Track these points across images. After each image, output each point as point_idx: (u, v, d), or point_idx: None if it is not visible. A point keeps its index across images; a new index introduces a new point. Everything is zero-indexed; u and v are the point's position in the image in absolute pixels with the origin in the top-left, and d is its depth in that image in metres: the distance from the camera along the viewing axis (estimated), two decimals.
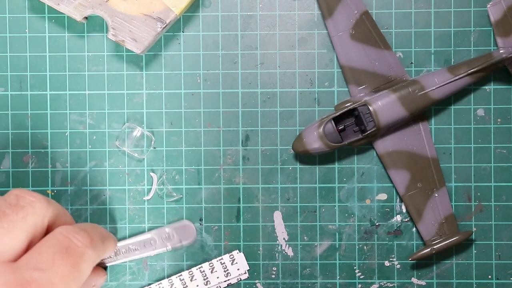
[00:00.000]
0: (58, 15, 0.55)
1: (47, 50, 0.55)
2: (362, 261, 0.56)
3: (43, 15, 0.55)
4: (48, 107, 0.55)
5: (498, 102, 0.55)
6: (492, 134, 0.55)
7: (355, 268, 0.56)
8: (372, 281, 0.55)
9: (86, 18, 0.53)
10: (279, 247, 0.56)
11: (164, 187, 0.55)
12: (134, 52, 0.52)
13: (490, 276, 0.55)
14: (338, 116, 0.53)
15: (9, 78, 0.55)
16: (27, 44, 0.55)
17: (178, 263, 0.56)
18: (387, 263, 0.56)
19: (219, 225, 0.56)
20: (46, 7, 0.55)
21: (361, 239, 0.55)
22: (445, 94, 0.53)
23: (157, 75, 0.55)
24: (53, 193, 0.55)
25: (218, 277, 0.54)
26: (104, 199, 0.55)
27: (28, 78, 0.55)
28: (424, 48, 0.55)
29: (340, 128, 0.53)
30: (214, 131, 0.55)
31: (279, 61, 0.55)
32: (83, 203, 0.55)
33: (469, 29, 0.55)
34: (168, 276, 0.55)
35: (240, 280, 0.55)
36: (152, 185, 0.55)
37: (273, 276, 0.56)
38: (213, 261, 0.55)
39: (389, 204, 0.55)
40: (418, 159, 0.54)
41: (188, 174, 0.55)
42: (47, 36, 0.55)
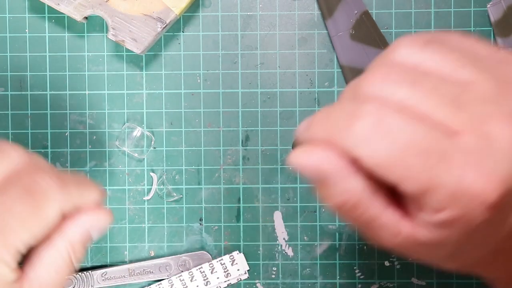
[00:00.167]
0: (58, 15, 0.55)
1: (47, 50, 0.55)
2: (362, 261, 0.55)
3: (43, 15, 0.55)
4: (48, 107, 0.55)
5: None
6: None
7: (355, 268, 0.56)
8: (372, 281, 0.55)
9: (86, 18, 0.53)
10: (279, 247, 0.56)
11: (164, 187, 0.55)
12: (134, 52, 0.52)
13: None
14: None
15: (9, 78, 0.55)
16: (27, 44, 0.55)
17: None
18: (387, 263, 0.56)
19: (219, 225, 0.56)
20: (46, 7, 0.55)
21: (361, 239, 0.55)
22: None
23: (157, 75, 0.55)
24: None
25: (218, 278, 0.54)
26: (104, 199, 0.55)
27: (28, 78, 0.55)
28: None
29: None
30: (214, 131, 0.55)
31: (279, 61, 0.55)
32: None
33: (469, 29, 0.55)
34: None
35: (240, 280, 0.55)
36: (152, 185, 0.55)
37: (273, 276, 0.56)
38: (213, 261, 0.55)
39: None
40: None
41: (188, 174, 0.55)
42: (47, 36, 0.55)
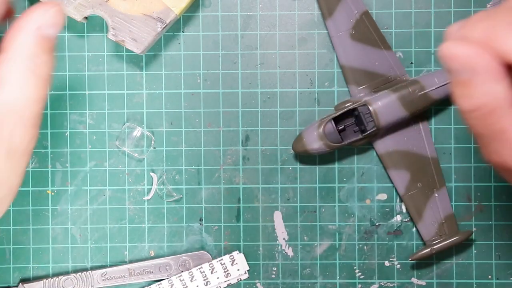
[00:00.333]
0: None
1: None
2: (362, 261, 0.55)
3: None
4: (48, 107, 0.55)
5: None
6: None
7: (355, 268, 0.56)
8: (372, 281, 0.55)
9: (86, 18, 0.53)
10: (279, 247, 0.56)
11: (164, 187, 0.55)
12: (134, 52, 0.52)
13: (490, 276, 0.55)
14: (338, 116, 0.53)
15: None
16: None
17: None
18: (387, 263, 0.56)
19: (219, 225, 0.56)
20: None
21: (361, 239, 0.55)
22: (445, 94, 0.53)
23: (157, 75, 0.55)
24: (53, 193, 0.55)
25: (218, 278, 0.54)
26: (104, 199, 0.55)
27: None
28: (424, 48, 0.55)
29: (340, 128, 0.53)
30: (214, 131, 0.55)
31: (279, 61, 0.55)
32: (83, 203, 0.55)
33: None
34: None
35: (240, 280, 0.55)
36: (152, 185, 0.55)
37: (273, 276, 0.56)
38: (213, 261, 0.55)
39: (389, 204, 0.55)
40: (418, 159, 0.54)
41: (188, 174, 0.55)
42: None
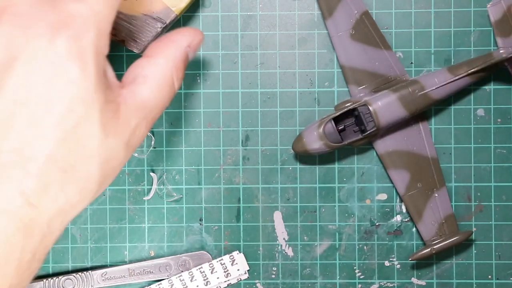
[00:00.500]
0: None
1: None
2: (362, 261, 0.55)
3: None
4: None
5: (498, 102, 0.55)
6: (492, 134, 0.55)
7: (355, 268, 0.56)
8: (372, 281, 0.55)
9: None
10: (279, 247, 0.56)
11: (164, 187, 0.55)
12: (134, 52, 0.52)
13: (490, 276, 0.55)
14: (338, 116, 0.53)
15: None
16: None
17: None
18: (387, 263, 0.56)
19: (219, 225, 0.56)
20: None
21: (361, 239, 0.55)
22: (445, 94, 0.53)
23: None
24: None
25: (218, 278, 0.54)
26: (104, 199, 0.55)
27: None
28: (424, 48, 0.55)
29: (340, 128, 0.53)
30: (214, 131, 0.55)
31: (279, 61, 0.55)
32: None
33: (469, 29, 0.55)
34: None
35: (240, 280, 0.55)
36: (152, 185, 0.55)
37: (273, 276, 0.56)
38: (213, 261, 0.55)
39: (389, 204, 0.55)
40: (418, 159, 0.54)
41: (188, 174, 0.55)
42: None
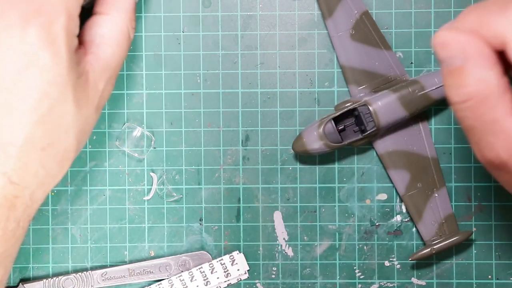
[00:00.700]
0: None
1: None
2: (362, 261, 0.55)
3: None
4: None
5: None
6: None
7: (355, 268, 0.56)
8: (372, 281, 0.55)
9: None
10: (279, 247, 0.56)
11: (164, 187, 0.55)
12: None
13: (490, 276, 0.55)
14: (338, 116, 0.53)
15: None
16: None
17: None
18: (387, 263, 0.56)
19: (219, 225, 0.56)
20: None
21: (361, 239, 0.55)
22: (445, 94, 0.53)
23: (157, 75, 0.55)
24: (53, 193, 0.55)
25: (218, 278, 0.54)
26: (104, 199, 0.55)
27: None
28: (424, 48, 0.55)
29: (340, 128, 0.53)
30: (214, 131, 0.55)
31: (279, 61, 0.55)
32: (83, 203, 0.55)
33: None
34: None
35: (240, 280, 0.55)
36: (152, 185, 0.55)
37: (273, 276, 0.56)
38: (213, 261, 0.55)
39: (389, 204, 0.55)
40: (418, 159, 0.54)
41: (188, 174, 0.55)
42: None
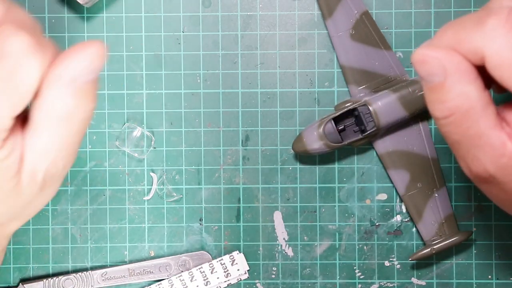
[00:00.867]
0: (58, 15, 0.55)
1: None
2: (362, 261, 0.55)
3: (43, 15, 0.55)
4: None
5: (498, 102, 0.55)
6: None
7: (355, 268, 0.56)
8: (372, 281, 0.55)
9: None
10: (279, 247, 0.56)
11: (164, 187, 0.55)
12: (81, 4, 0.51)
13: (490, 276, 0.55)
14: (338, 116, 0.53)
15: None
16: None
17: None
18: (387, 263, 0.56)
19: (219, 225, 0.56)
20: (46, 6, 0.55)
21: (361, 239, 0.55)
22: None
23: (157, 75, 0.55)
24: None
25: (218, 278, 0.54)
26: (104, 199, 0.55)
27: None
28: None
29: (340, 128, 0.53)
30: (214, 131, 0.55)
31: (279, 61, 0.55)
32: (83, 203, 0.55)
33: None
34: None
35: (240, 280, 0.55)
36: (152, 185, 0.55)
37: (273, 276, 0.56)
38: (213, 261, 0.55)
39: (389, 204, 0.55)
40: (418, 159, 0.54)
41: (188, 174, 0.55)
42: (47, 36, 0.55)
